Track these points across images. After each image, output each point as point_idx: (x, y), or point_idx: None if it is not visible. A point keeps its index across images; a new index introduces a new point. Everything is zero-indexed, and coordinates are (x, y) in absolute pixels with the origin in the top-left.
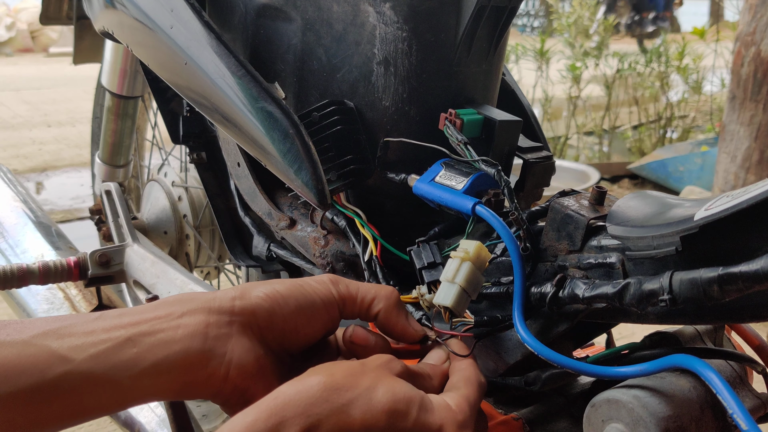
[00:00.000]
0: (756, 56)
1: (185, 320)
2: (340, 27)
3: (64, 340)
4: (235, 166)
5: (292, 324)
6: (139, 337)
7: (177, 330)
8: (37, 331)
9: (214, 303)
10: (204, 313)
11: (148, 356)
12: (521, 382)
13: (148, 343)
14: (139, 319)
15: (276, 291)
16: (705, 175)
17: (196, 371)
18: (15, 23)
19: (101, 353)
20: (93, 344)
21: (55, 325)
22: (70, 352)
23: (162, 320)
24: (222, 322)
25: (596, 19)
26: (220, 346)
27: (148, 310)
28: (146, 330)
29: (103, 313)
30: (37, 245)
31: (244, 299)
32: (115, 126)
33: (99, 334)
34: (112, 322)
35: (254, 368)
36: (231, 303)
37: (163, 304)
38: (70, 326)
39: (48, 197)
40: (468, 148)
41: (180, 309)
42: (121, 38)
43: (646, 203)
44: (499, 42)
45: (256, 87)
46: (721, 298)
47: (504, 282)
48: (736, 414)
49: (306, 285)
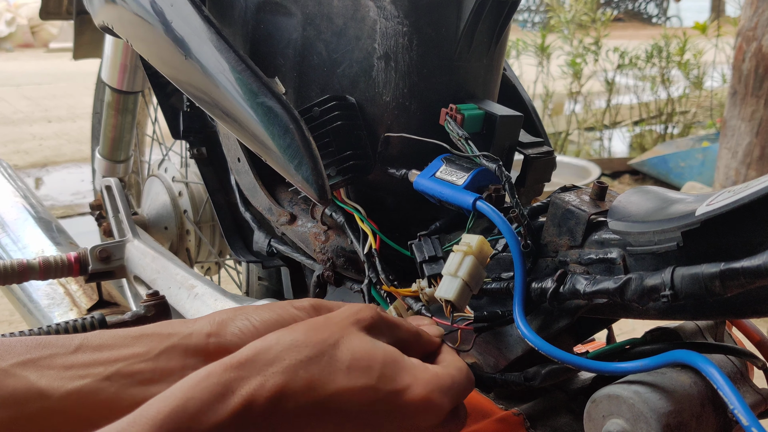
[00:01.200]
0: (757, 51)
1: (162, 362)
2: (341, 22)
3: (43, 373)
4: (235, 161)
5: None
6: (116, 376)
7: (154, 372)
8: (17, 359)
9: (190, 342)
10: (180, 355)
11: (125, 397)
12: (521, 377)
13: (125, 384)
14: (118, 355)
15: (251, 326)
16: (706, 170)
17: None
18: (15, 18)
19: (79, 390)
20: (71, 379)
21: (35, 354)
22: (49, 388)
23: (140, 359)
24: (197, 363)
25: (594, 16)
26: None
27: (127, 344)
28: (123, 369)
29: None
30: (38, 241)
31: (219, 336)
32: (116, 121)
33: (77, 369)
34: (91, 356)
35: None
36: (206, 341)
37: (142, 339)
38: (49, 357)
39: (48, 193)
40: (469, 143)
41: (158, 346)
42: (121, 33)
43: (648, 198)
44: (500, 37)
45: (256, 82)
46: (722, 293)
47: (504, 277)
48: (737, 409)
49: (284, 313)
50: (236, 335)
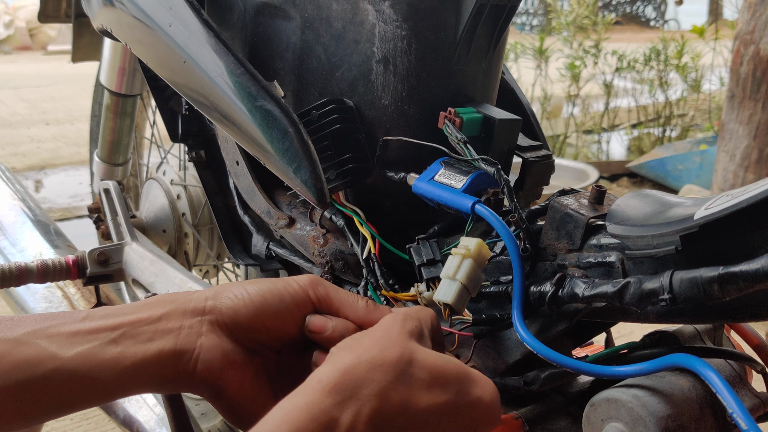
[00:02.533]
0: (755, 55)
1: (162, 324)
2: (340, 25)
3: (53, 339)
4: (234, 164)
5: (257, 321)
6: (121, 338)
7: (155, 333)
8: (27, 329)
9: (189, 305)
10: (179, 315)
11: (128, 356)
12: (521, 381)
13: (129, 344)
14: (122, 321)
15: (244, 291)
16: (704, 173)
17: (168, 368)
18: (13, 21)
19: (87, 352)
20: (79, 343)
21: (44, 324)
22: (59, 350)
23: (143, 323)
24: (193, 322)
25: (595, 19)
26: (190, 344)
27: (132, 312)
28: (128, 332)
29: (90, 313)
30: (36, 244)
31: (215, 299)
32: (114, 124)
33: (85, 334)
34: (97, 323)
35: (220, 362)
36: (203, 303)
37: (146, 306)
38: (58, 325)
39: (47, 195)
40: (467, 146)
41: (159, 311)
42: (119, 36)
43: (646, 202)
44: (499, 40)
45: (254, 85)
46: (721, 297)
47: (503, 281)
48: (736, 413)
49: (279, 283)
50: (230, 298)
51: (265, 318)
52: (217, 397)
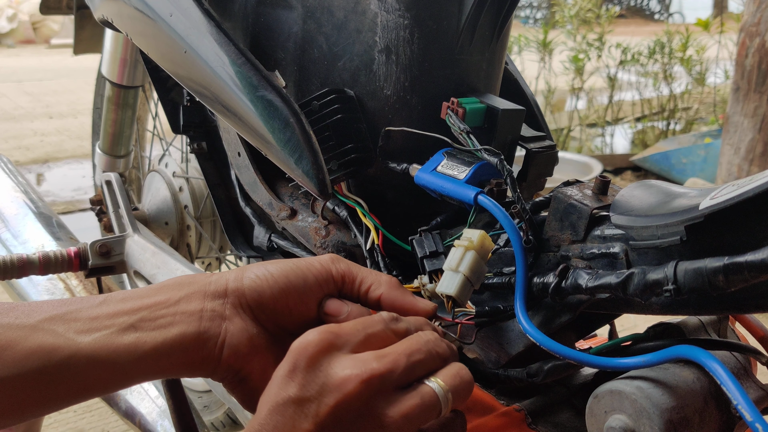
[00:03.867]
0: (760, 47)
1: (182, 306)
2: (341, 15)
3: (70, 325)
4: (235, 156)
5: (282, 302)
6: (140, 322)
7: (174, 316)
8: (44, 316)
9: (209, 287)
10: (200, 298)
11: (148, 340)
12: (524, 373)
13: (148, 328)
14: (141, 304)
15: (266, 271)
16: (708, 167)
17: (193, 353)
18: (16, 15)
19: (105, 337)
20: (97, 329)
21: (61, 310)
22: (76, 336)
23: (161, 306)
24: (216, 305)
25: (599, 12)
26: (214, 328)
27: (149, 295)
28: (146, 316)
29: (107, 297)
30: (38, 236)
31: (237, 281)
32: (116, 116)
33: (102, 319)
34: (115, 307)
35: (246, 348)
36: (225, 286)
37: (164, 289)
38: (75, 311)
39: (50, 189)
40: (470, 137)
41: (178, 294)
42: (120, 27)
43: (650, 193)
44: (502, 30)
45: (256, 75)
46: (726, 288)
47: (506, 272)
48: (741, 405)
49: (302, 263)
50: (252, 279)
51: (289, 299)
52: (239, 384)
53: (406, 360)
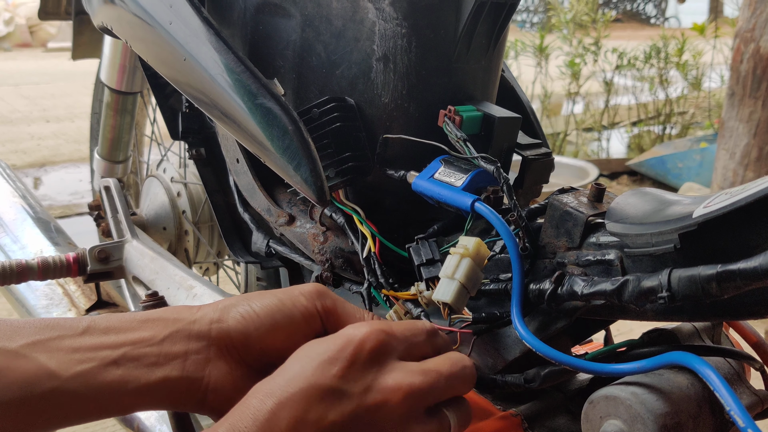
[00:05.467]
0: (755, 53)
1: (166, 347)
2: (340, 23)
3: (52, 355)
4: (234, 162)
5: (269, 342)
6: (123, 360)
7: (158, 356)
8: (26, 340)
9: (194, 327)
10: (184, 338)
11: (131, 380)
12: (521, 379)
13: (131, 367)
14: (124, 339)
15: (252, 311)
16: (704, 171)
17: (176, 395)
18: (13, 18)
19: (87, 372)
20: (79, 362)
21: (44, 335)
22: (58, 368)
23: (145, 343)
24: (200, 348)
25: (595, 16)
26: (198, 372)
27: (133, 328)
28: (129, 352)
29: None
30: (36, 241)
31: (221, 322)
32: (114, 122)
33: (85, 352)
34: (98, 339)
35: (231, 391)
36: (209, 327)
37: (148, 323)
38: (58, 338)
39: (47, 193)
40: (467, 144)
41: (162, 332)
42: (120, 34)
43: (645, 200)
44: (499, 38)
45: (255, 83)
46: (719, 295)
47: (502, 279)
48: (733, 411)
49: (287, 299)
50: (237, 320)
51: (276, 338)
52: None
53: (445, 382)
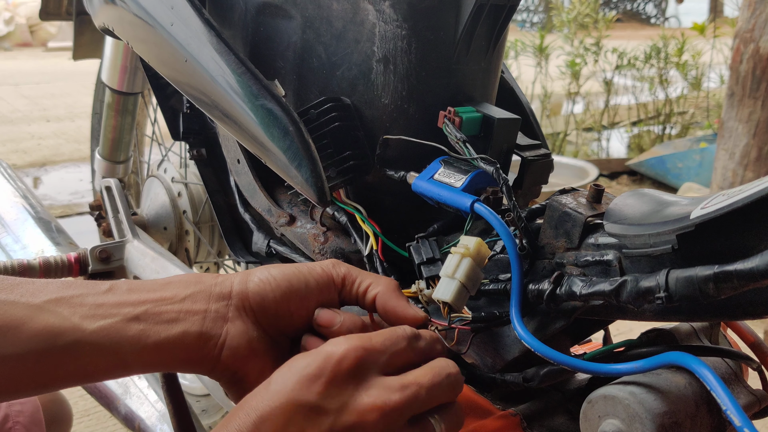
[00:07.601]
0: (755, 53)
1: (187, 304)
2: (340, 25)
3: (76, 310)
4: (234, 162)
5: (284, 306)
6: (144, 315)
7: (179, 313)
8: (49, 297)
9: (215, 288)
10: (205, 298)
11: (151, 335)
12: (520, 378)
13: (152, 322)
14: (146, 298)
15: (270, 275)
16: (703, 171)
17: (193, 351)
18: (14, 17)
19: (109, 326)
20: (102, 316)
21: (67, 293)
22: (81, 322)
23: (167, 302)
24: (220, 306)
25: (596, 17)
26: (216, 329)
27: (155, 289)
28: (151, 310)
29: (113, 285)
30: (38, 241)
31: (241, 284)
32: (115, 122)
33: (108, 307)
34: (121, 297)
35: (246, 350)
36: (230, 288)
37: (170, 285)
38: (81, 296)
39: (47, 192)
40: (467, 145)
41: (184, 292)
42: (121, 35)
43: (643, 201)
44: (498, 40)
45: (255, 84)
46: (716, 295)
47: (502, 279)
48: (730, 410)
49: (303, 267)
50: (255, 283)
51: (291, 303)
52: (236, 385)
53: (426, 394)
